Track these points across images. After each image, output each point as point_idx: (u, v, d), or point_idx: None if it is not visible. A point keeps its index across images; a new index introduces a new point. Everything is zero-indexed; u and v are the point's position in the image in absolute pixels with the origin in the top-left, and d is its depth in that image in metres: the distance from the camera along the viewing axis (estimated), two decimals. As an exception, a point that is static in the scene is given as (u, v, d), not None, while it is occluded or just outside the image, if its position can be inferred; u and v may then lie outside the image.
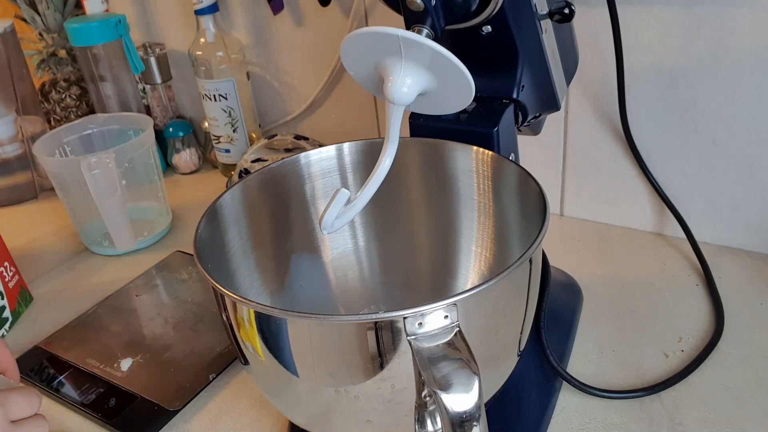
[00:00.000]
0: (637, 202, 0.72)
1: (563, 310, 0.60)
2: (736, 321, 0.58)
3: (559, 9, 0.48)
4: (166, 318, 0.67)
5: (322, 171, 0.53)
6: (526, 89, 0.51)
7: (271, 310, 0.35)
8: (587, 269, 0.67)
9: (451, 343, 0.33)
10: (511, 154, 0.52)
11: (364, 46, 0.41)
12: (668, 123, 0.66)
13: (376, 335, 0.34)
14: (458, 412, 0.31)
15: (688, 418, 0.50)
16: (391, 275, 0.57)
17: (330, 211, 0.40)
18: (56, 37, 1.01)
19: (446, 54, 0.39)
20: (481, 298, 0.35)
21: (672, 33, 0.62)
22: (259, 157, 0.86)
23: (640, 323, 0.60)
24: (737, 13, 0.58)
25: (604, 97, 0.69)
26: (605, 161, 0.72)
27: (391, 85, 0.40)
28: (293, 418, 0.46)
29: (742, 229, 0.67)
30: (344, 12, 0.83)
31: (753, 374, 0.53)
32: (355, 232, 0.57)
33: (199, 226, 0.43)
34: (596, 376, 0.54)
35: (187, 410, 0.56)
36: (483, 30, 0.47)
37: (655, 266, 0.67)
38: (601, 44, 0.66)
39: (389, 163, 0.41)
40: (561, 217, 0.78)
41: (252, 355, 0.39)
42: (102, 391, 0.58)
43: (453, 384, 0.31)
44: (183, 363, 0.60)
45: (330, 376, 0.37)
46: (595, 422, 0.50)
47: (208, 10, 0.86)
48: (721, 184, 0.66)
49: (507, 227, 0.50)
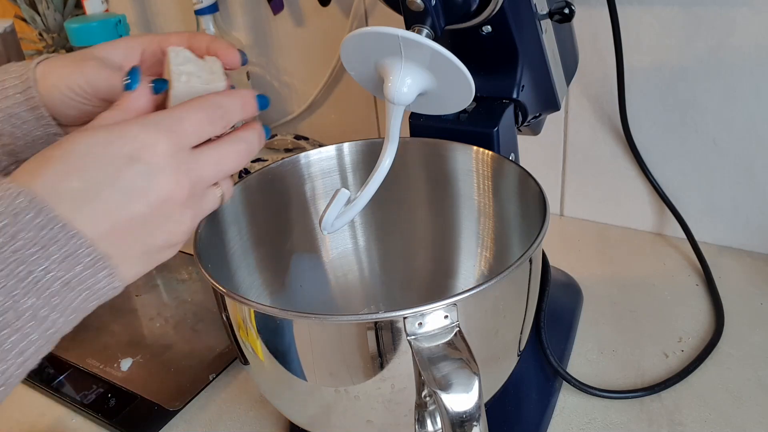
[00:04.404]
0: (637, 202, 0.72)
1: (563, 310, 0.60)
2: (736, 321, 0.58)
3: (559, 9, 0.48)
4: (166, 318, 0.67)
5: (322, 171, 0.53)
6: (526, 89, 0.51)
7: (271, 310, 0.35)
8: (587, 269, 0.67)
9: (451, 343, 0.33)
10: (511, 154, 0.52)
11: (364, 46, 0.41)
12: (668, 123, 0.66)
13: (376, 335, 0.34)
14: (458, 412, 0.31)
15: (688, 418, 0.50)
16: (391, 275, 0.57)
17: (330, 211, 0.40)
18: (56, 37, 1.01)
19: (446, 54, 0.39)
20: (481, 298, 0.35)
21: (672, 33, 0.62)
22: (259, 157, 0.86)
23: (640, 323, 0.60)
24: (737, 13, 0.58)
25: (604, 97, 0.69)
26: (605, 161, 0.72)
27: (391, 85, 0.40)
28: (293, 418, 0.45)
29: (742, 229, 0.67)
30: (344, 12, 0.83)
31: (753, 374, 0.53)
32: (355, 232, 0.57)
33: (199, 226, 0.43)
34: (596, 376, 0.54)
35: (187, 410, 0.56)
36: (483, 30, 0.47)
37: (655, 266, 0.67)
38: (601, 44, 0.66)
39: (389, 163, 0.41)
40: (561, 217, 0.78)
41: (252, 355, 0.39)
42: (102, 391, 0.58)
43: (453, 384, 0.31)
44: (183, 363, 0.60)
45: (330, 376, 0.37)
46: (595, 422, 0.50)
47: (208, 10, 0.86)
48: (721, 184, 0.66)
49: (507, 227, 0.50)
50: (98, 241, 0.30)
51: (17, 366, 0.28)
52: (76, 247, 0.29)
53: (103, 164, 0.30)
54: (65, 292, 0.29)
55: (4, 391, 0.28)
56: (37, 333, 0.28)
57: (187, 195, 0.32)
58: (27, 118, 0.40)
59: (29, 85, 0.39)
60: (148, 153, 0.31)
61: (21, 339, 0.28)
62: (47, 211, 0.28)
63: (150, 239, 0.32)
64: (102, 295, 0.31)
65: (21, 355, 0.28)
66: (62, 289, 0.29)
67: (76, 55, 0.40)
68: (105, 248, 0.30)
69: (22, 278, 0.28)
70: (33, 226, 0.28)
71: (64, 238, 0.28)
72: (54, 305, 0.29)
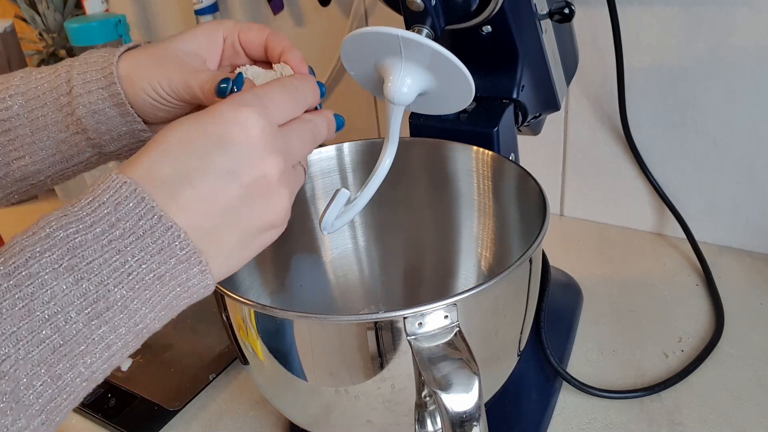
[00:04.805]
0: (637, 202, 0.72)
1: (563, 310, 0.60)
2: (736, 321, 0.58)
3: (559, 9, 0.48)
4: (166, 318, 0.67)
5: (322, 171, 0.53)
6: (526, 89, 0.51)
7: (271, 310, 0.35)
8: (587, 269, 0.67)
9: (451, 343, 0.33)
10: (511, 154, 0.52)
11: (364, 46, 0.41)
12: (668, 123, 0.66)
13: (376, 335, 0.34)
14: (458, 412, 0.31)
15: (688, 418, 0.50)
16: (391, 275, 0.57)
17: (330, 211, 0.40)
18: (56, 37, 1.01)
19: (446, 54, 0.39)
20: (481, 298, 0.35)
21: (672, 33, 0.62)
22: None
23: (640, 323, 0.60)
24: (737, 13, 0.58)
25: (604, 97, 0.69)
26: (605, 161, 0.72)
27: (391, 85, 0.40)
28: (293, 418, 0.45)
29: (742, 229, 0.67)
30: (344, 12, 0.83)
31: (753, 374, 0.53)
32: (355, 232, 0.56)
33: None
34: (596, 376, 0.54)
35: (187, 410, 0.56)
36: (483, 30, 0.47)
37: (655, 266, 0.67)
38: (601, 44, 0.66)
39: (389, 163, 0.41)
40: (561, 217, 0.78)
41: (252, 355, 0.39)
42: (102, 391, 0.58)
43: (453, 384, 0.31)
44: (183, 363, 0.60)
45: (330, 376, 0.37)
46: (595, 422, 0.50)
47: (208, 10, 0.86)
48: (721, 184, 0.66)
49: (507, 227, 0.50)
50: (193, 233, 0.29)
51: (103, 361, 0.27)
52: (171, 239, 0.28)
53: (194, 148, 0.29)
54: (157, 286, 0.28)
55: (85, 388, 0.27)
56: (126, 327, 0.27)
57: (281, 171, 0.31)
58: (111, 114, 0.40)
59: (113, 81, 0.39)
60: (240, 131, 0.30)
61: (109, 331, 0.27)
62: (148, 201, 0.28)
63: (247, 223, 0.31)
64: (194, 293, 0.30)
65: (108, 349, 0.27)
66: (154, 283, 0.28)
67: (159, 51, 0.40)
68: (199, 242, 0.29)
69: (116, 268, 0.27)
70: (133, 215, 0.27)
71: (160, 229, 0.28)
72: (145, 299, 0.28)
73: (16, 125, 0.39)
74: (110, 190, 0.28)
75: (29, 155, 0.40)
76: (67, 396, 0.26)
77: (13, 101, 0.39)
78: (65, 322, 0.26)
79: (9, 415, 0.24)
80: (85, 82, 0.39)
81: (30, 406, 0.25)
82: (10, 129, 0.40)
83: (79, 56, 0.40)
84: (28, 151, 0.40)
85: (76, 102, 0.39)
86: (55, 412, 0.26)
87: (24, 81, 0.40)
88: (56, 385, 0.26)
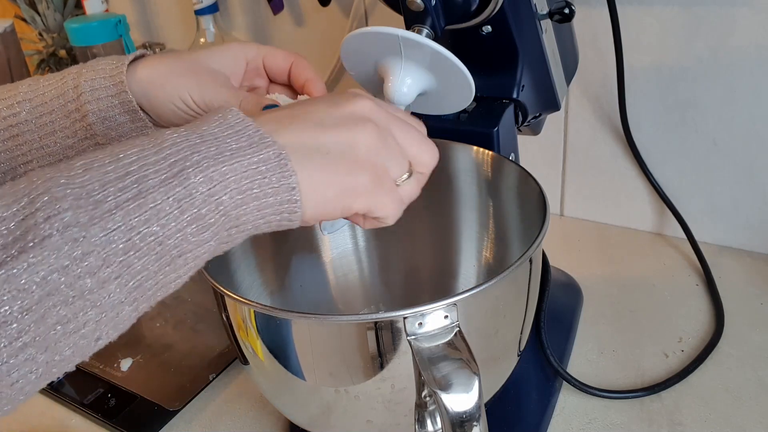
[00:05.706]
0: (637, 202, 0.72)
1: (563, 310, 0.60)
2: (736, 321, 0.58)
3: (559, 9, 0.48)
4: (166, 318, 0.67)
5: (322, 171, 0.53)
6: (526, 89, 0.51)
7: (271, 310, 0.35)
8: (587, 269, 0.67)
9: (451, 343, 0.33)
10: (511, 154, 0.52)
11: (364, 46, 0.41)
12: (668, 123, 0.66)
13: (376, 335, 0.34)
14: (458, 412, 0.31)
15: (688, 418, 0.50)
16: (391, 275, 0.57)
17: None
18: (56, 37, 1.01)
19: (446, 54, 0.39)
20: (481, 298, 0.35)
21: (672, 33, 0.62)
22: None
23: (640, 323, 0.60)
24: (737, 13, 0.58)
25: (604, 97, 0.69)
26: (605, 161, 0.72)
27: (391, 85, 0.40)
28: (293, 418, 0.45)
29: (742, 229, 0.67)
30: (344, 12, 0.83)
31: (753, 374, 0.53)
32: (355, 232, 0.56)
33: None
34: (596, 376, 0.54)
35: (187, 410, 0.56)
36: (483, 30, 0.47)
37: (655, 266, 0.67)
38: (601, 44, 0.66)
39: (389, 163, 0.41)
40: (561, 217, 0.78)
41: (252, 355, 0.39)
42: (102, 391, 0.58)
43: (453, 384, 0.31)
44: (183, 363, 0.60)
45: (330, 376, 0.37)
46: (595, 422, 0.50)
47: (208, 10, 0.86)
48: (721, 184, 0.66)
49: (507, 227, 0.50)
50: (293, 153, 0.29)
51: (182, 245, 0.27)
52: (268, 156, 0.28)
53: (316, 109, 0.31)
54: (247, 198, 0.28)
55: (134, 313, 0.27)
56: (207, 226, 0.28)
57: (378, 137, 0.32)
58: (122, 120, 0.41)
59: (123, 89, 0.40)
60: (362, 104, 0.32)
61: (198, 219, 0.27)
62: (254, 127, 0.29)
63: (349, 179, 0.30)
64: (283, 220, 0.29)
65: (199, 234, 0.27)
66: (243, 193, 0.28)
67: (187, 63, 0.41)
68: (297, 166, 0.29)
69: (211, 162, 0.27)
70: (234, 132, 0.28)
71: (261, 143, 0.28)
72: (235, 204, 0.28)
73: (24, 131, 0.40)
74: (233, 127, 0.29)
75: (37, 160, 0.41)
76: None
77: (21, 107, 0.40)
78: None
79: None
80: (93, 89, 0.40)
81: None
82: (19, 134, 0.40)
83: (86, 63, 0.41)
84: (36, 155, 0.41)
85: (85, 108, 0.40)
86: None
87: (32, 88, 0.41)
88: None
